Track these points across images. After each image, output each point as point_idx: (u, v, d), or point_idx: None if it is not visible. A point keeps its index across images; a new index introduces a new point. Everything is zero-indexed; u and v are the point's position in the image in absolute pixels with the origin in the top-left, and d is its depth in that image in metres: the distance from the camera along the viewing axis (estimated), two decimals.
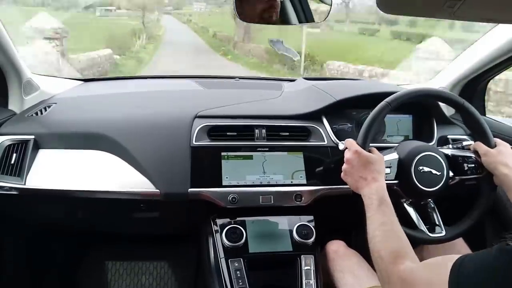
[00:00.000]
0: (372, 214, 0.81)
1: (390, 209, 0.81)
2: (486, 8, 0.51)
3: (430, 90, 0.97)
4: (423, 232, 0.96)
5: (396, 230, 0.78)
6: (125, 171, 1.05)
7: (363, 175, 0.87)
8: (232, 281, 0.95)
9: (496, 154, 0.94)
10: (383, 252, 0.75)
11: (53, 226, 1.27)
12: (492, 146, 0.97)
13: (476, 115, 0.99)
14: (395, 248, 0.74)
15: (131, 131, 1.10)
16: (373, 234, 0.79)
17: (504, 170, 0.91)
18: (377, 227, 0.79)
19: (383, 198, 0.82)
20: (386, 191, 0.84)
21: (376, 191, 0.83)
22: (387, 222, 0.79)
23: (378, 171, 0.87)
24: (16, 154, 1.05)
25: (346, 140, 0.95)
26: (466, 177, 0.99)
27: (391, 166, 0.96)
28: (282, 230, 1.06)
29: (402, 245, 0.75)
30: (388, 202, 0.82)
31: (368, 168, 0.87)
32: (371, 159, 0.88)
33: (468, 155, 1.00)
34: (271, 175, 1.08)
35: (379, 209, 0.81)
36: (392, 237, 0.77)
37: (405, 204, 0.99)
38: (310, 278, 0.98)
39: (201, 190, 1.03)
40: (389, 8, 0.54)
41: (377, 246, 0.77)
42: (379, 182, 0.85)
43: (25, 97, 1.24)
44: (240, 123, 1.14)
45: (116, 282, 1.53)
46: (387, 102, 0.95)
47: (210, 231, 1.05)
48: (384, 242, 0.76)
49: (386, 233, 0.77)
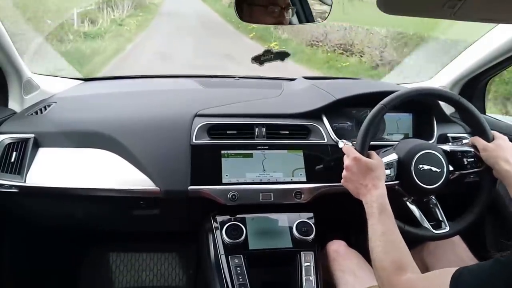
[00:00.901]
0: (373, 223, 0.82)
1: (390, 218, 0.82)
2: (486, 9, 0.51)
3: (423, 89, 0.97)
4: (427, 229, 0.96)
5: (396, 240, 0.79)
6: (125, 169, 1.06)
7: (364, 182, 0.87)
8: (232, 277, 0.95)
9: (495, 149, 0.94)
10: (384, 263, 0.76)
11: (53, 224, 1.28)
12: (490, 139, 0.97)
13: (471, 109, 0.99)
14: (396, 259, 0.75)
15: (131, 129, 1.11)
16: (374, 244, 0.79)
17: (505, 166, 0.90)
18: (378, 237, 0.79)
19: (383, 206, 0.83)
20: (386, 198, 0.85)
21: (377, 199, 0.84)
22: (387, 232, 0.80)
23: (378, 178, 0.87)
24: (16, 153, 1.06)
25: (343, 148, 0.95)
26: (466, 171, 1.00)
27: (391, 167, 0.96)
28: (282, 227, 1.07)
29: (403, 256, 0.76)
30: (388, 210, 0.83)
31: (368, 175, 0.87)
32: (371, 165, 0.88)
33: (467, 149, 1.00)
34: (271, 173, 1.08)
35: (379, 219, 0.81)
36: (393, 247, 0.78)
37: (407, 202, 1.00)
38: (310, 275, 0.98)
39: (201, 188, 1.04)
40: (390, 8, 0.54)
41: (378, 257, 0.77)
42: (379, 189, 0.85)
43: (25, 96, 1.24)
44: (240, 122, 1.14)
45: (116, 279, 1.54)
46: (382, 105, 0.95)
47: (210, 228, 1.05)
48: (385, 253, 0.77)
49: (387, 243, 0.78)
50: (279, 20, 1.03)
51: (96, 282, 1.54)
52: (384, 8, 0.53)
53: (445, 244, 1.03)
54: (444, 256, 1.06)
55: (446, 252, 1.06)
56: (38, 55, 4.27)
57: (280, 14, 1.02)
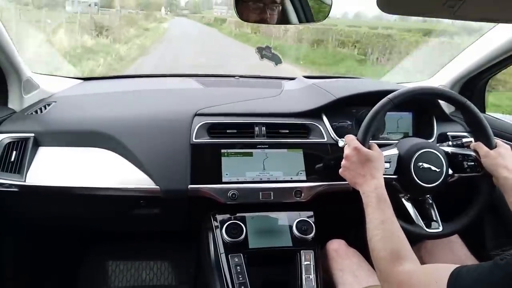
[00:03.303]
0: (370, 212, 0.81)
1: (389, 207, 0.81)
2: (486, 8, 0.51)
3: (434, 88, 0.97)
4: (421, 227, 0.96)
5: (395, 229, 0.78)
6: (125, 168, 1.06)
7: (362, 172, 0.86)
8: (232, 276, 0.96)
9: (496, 156, 0.93)
10: (382, 252, 0.75)
11: (53, 223, 1.28)
12: (492, 146, 0.96)
13: (478, 115, 0.98)
14: (394, 248, 0.74)
15: (131, 128, 1.11)
16: (373, 233, 0.78)
17: (504, 173, 0.90)
18: (376, 226, 0.78)
19: (382, 195, 0.82)
20: (385, 189, 0.84)
21: (375, 189, 0.83)
22: (387, 221, 0.78)
23: (376, 168, 0.87)
24: (16, 152, 1.06)
25: (346, 136, 0.94)
26: (465, 174, 1.00)
27: (391, 161, 0.96)
28: (282, 226, 1.07)
29: (402, 245, 0.75)
30: (387, 200, 0.82)
31: (367, 165, 0.87)
32: (370, 156, 0.88)
33: (468, 153, 1.00)
34: (271, 172, 1.09)
35: (378, 207, 0.80)
36: (391, 236, 0.76)
37: (403, 199, 1.00)
38: (310, 273, 0.99)
39: (201, 187, 1.04)
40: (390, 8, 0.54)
41: (377, 246, 0.76)
42: (377, 180, 0.85)
43: (25, 95, 1.24)
44: (240, 121, 1.14)
45: (117, 278, 1.54)
46: (389, 99, 0.95)
47: (210, 227, 1.05)
48: (383, 242, 0.76)
49: (386, 232, 0.77)
50: (262, 17, 1.00)
51: (96, 282, 1.54)
52: (384, 8, 0.53)
53: (443, 242, 1.03)
54: (441, 255, 1.06)
55: (444, 251, 1.06)
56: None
57: (262, 11, 1.00)
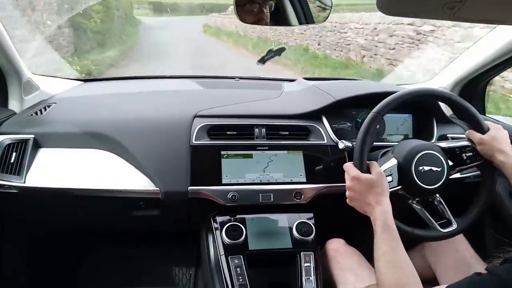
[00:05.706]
0: (375, 241, 0.82)
1: (392, 236, 0.81)
2: (486, 10, 0.51)
3: (413, 90, 0.96)
4: (436, 229, 0.96)
5: (397, 259, 0.78)
6: (125, 170, 1.06)
7: (367, 200, 0.86)
8: (232, 277, 0.95)
9: (490, 141, 0.94)
10: (385, 284, 0.76)
11: (53, 224, 1.28)
12: (485, 130, 0.96)
13: (463, 104, 0.98)
14: (396, 280, 0.75)
15: (131, 130, 1.11)
16: (377, 264, 0.79)
17: (500, 158, 0.91)
18: (379, 257, 0.79)
19: (385, 223, 0.82)
20: (390, 213, 0.84)
21: (379, 216, 0.83)
22: (389, 252, 0.79)
23: (380, 193, 0.86)
24: (16, 153, 1.06)
25: (344, 165, 0.93)
26: (466, 166, 1.00)
27: (392, 173, 0.95)
28: (282, 228, 1.07)
29: (404, 276, 0.76)
30: (390, 227, 0.82)
31: (371, 192, 0.86)
32: (372, 182, 0.87)
33: (464, 144, 1.00)
34: (271, 174, 1.08)
35: (381, 237, 0.81)
36: (393, 268, 0.77)
37: (413, 204, 0.99)
38: (310, 275, 0.98)
39: (201, 188, 1.04)
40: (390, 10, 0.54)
41: (380, 277, 0.78)
42: (382, 206, 0.84)
43: (25, 97, 1.24)
44: (240, 123, 1.14)
45: (116, 279, 1.54)
46: (375, 112, 0.94)
47: (210, 229, 1.05)
48: (385, 274, 0.77)
49: (388, 263, 0.78)
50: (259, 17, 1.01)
51: (96, 282, 1.53)
52: (384, 9, 0.53)
53: (448, 242, 1.02)
54: (446, 254, 1.06)
55: (448, 250, 1.06)
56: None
57: (259, 11, 1.01)
